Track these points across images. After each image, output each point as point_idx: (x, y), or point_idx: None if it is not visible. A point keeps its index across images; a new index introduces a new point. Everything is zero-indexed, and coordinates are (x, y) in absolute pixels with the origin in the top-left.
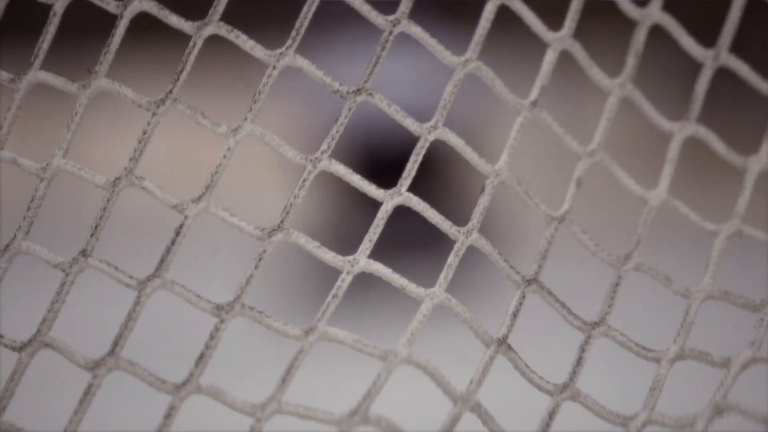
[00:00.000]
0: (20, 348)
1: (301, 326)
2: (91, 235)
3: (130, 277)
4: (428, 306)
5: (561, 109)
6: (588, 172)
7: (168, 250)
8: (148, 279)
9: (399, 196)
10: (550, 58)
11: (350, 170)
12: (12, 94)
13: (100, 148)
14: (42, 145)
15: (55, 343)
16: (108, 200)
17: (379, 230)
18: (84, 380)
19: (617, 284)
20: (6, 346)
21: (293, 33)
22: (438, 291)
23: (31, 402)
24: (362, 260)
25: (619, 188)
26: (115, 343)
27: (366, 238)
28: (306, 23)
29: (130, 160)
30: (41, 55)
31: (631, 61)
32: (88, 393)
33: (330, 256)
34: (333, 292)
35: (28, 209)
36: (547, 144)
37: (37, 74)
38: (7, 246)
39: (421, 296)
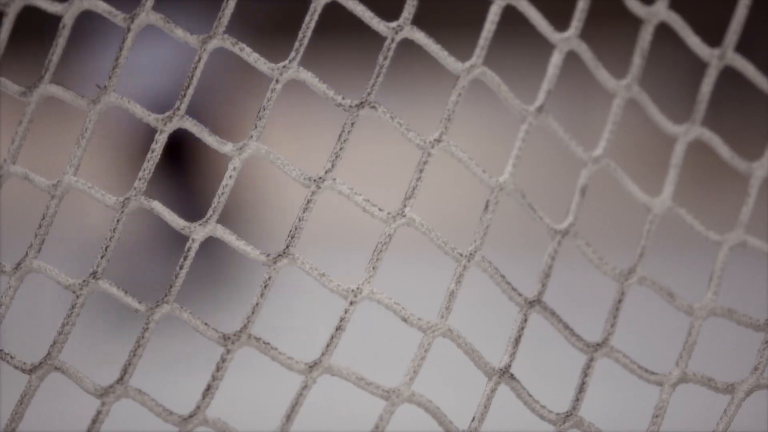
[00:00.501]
0: (30, 370)
1: (305, 361)
2: (102, 257)
3: (139, 302)
4: (429, 340)
5: (561, 110)
6: (590, 178)
7: (176, 276)
8: (157, 305)
9: (402, 217)
10: (556, 60)
11: (354, 191)
12: (11, 96)
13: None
14: (41, 145)
15: (65, 368)
16: (117, 221)
17: (383, 255)
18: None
19: (620, 300)
20: (16, 367)
21: (296, 45)
22: (440, 323)
23: (38, 422)
24: (365, 289)
25: (620, 190)
26: (124, 371)
27: (369, 265)
28: (309, 33)
29: (139, 179)
30: (51, 68)
31: (637, 60)
32: (96, 420)
33: (333, 285)
34: (337, 324)
35: (40, 227)
36: (547, 149)
37: (48, 88)
38: (19, 264)
39: (423, 328)
